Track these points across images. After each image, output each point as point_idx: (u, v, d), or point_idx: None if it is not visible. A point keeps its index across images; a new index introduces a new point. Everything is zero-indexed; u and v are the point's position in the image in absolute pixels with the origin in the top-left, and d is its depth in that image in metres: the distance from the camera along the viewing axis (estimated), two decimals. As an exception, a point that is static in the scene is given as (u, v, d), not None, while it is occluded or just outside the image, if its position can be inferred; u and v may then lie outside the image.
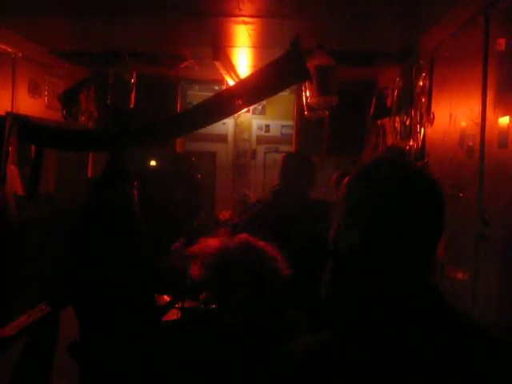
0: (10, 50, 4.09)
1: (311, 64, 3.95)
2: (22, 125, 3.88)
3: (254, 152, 7.34)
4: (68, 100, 5.06)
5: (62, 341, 4.14)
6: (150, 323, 3.35)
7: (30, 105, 4.43)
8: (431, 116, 3.65)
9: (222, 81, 5.54)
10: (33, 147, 4.27)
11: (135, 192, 3.39)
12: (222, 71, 4.86)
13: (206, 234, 5.03)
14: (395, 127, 4.54)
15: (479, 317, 2.73)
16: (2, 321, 3.86)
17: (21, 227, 4.02)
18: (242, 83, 4.39)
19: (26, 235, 4.12)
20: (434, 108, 3.64)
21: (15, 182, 3.92)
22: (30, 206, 4.22)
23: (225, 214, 5.66)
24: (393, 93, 4.62)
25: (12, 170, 3.85)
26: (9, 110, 4.03)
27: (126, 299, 3.13)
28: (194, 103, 5.30)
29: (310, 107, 4.47)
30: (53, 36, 4.37)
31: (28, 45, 4.37)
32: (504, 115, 2.51)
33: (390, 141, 4.80)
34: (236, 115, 6.67)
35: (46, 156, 4.44)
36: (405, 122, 4.25)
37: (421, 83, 3.90)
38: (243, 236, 2.58)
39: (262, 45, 4.43)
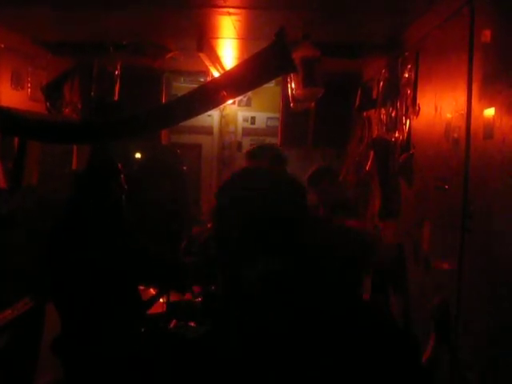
0: (-9, 40, 4.05)
1: (297, 55, 3.94)
2: (4, 117, 3.84)
3: (240, 144, 7.31)
4: (51, 92, 5.01)
5: (47, 334, 4.12)
6: (135, 317, 3.34)
7: (12, 97, 4.38)
8: (417, 108, 3.65)
9: (207, 72, 5.51)
10: (16, 140, 4.24)
11: (122, 187, 3.35)
12: (207, 63, 4.83)
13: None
14: (381, 119, 4.55)
15: (464, 309, 2.74)
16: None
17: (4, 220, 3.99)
18: (226, 75, 4.36)
19: (10, 228, 4.09)
20: (419, 100, 3.64)
21: (-2, 175, 3.88)
22: (14, 199, 4.19)
23: None
24: (378, 84, 4.62)
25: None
26: (-9, 101, 3.99)
27: (109, 295, 3.11)
28: (179, 95, 5.26)
29: (295, 99, 4.45)
30: (36, 26, 4.32)
31: (10, 35, 4.31)
32: (489, 106, 2.51)
33: (375, 133, 4.80)
34: (221, 107, 6.65)
35: (30, 148, 4.41)
36: (390, 114, 4.25)
37: (406, 75, 3.90)
38: None
39: (247, 36, 4.41)
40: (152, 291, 4.00)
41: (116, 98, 4.88)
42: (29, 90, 4.69)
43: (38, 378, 4.14)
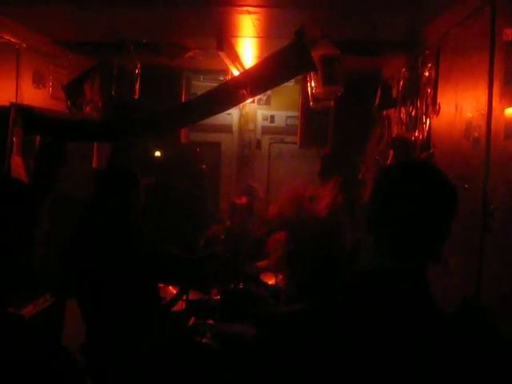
0: (14, 40, 4.09)
1: (316, 54, 3.94)
2: (26, 115, 3.88)
3: (259, 142, 7.31)
4: (72, 90, 5.06)
5: (67, 331, 4.16)
6: (160, 317, 3.35)
7: (34, 95, 4.43)
8: (437, 107, 3.63)
9: (226, 71, 5.52)
10: (37, 138, 4.27)
11: (139, 198, 3.36)
12: (227, 61, 4.84)
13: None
14: (401, 118, 4.52)
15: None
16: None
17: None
18: (246, 73, 4.37)
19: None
20: (439, 99, 3.62)
21: (19, 172, 3.92)
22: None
23: (241, 200, 5.62)
24: (398, 83, 4.60)
25: (16, 161, 3.85)
26: (13, 100, 4.03)
27: (126, 297, 3.13)
28: (199, 93, 5.27)
29: (315, 97, 4.45)
30: (57, 26, 4.36)
31: (32, 35, 4.36)
32: (510, 106, 2.50)
33: (395, 131, 4.78)
34: (241, 105, 6.65)
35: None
36: (410, 113, 4.23)
37: (427, 73, 3.87)
38: None
39: (266, 35, 4.41)
40: (172, 290, 4.02)
41: (136, 96, 4.91)
42: (50, 88, 4.74)
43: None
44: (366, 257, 1.71)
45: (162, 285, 3.79)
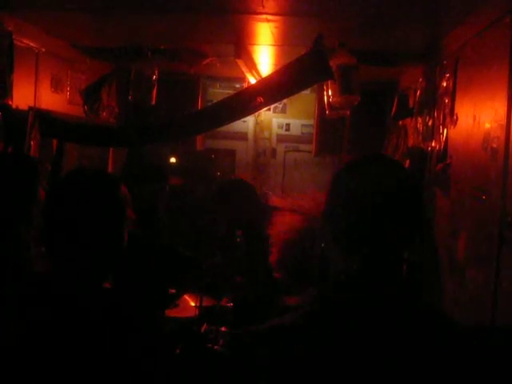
0: (33, 44, 4.12)
1: (334, 63, 3.94)
2: (44, 119, 3.91)
3: (274, 151, 7.32)
4: (89, 95, 5.09)
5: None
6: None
7: (52, 100, 4.45)
8: (454, 117, 3.62)
9: (243, 79, 5.53)
10: (54, 142, 4.30)
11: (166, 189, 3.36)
12: (244, 69, 4.85)
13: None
14: (417, 128, 4.50)
15: (500, 321, 2.70)
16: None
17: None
18: (263, 81, 4.38)
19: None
20: (457, 109, 3.60)
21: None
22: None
23: None
24: (415, 93, 4.58)
25: (33, 165, 3.88)
26: (31, 104, 4.06)
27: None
28: (215, 101, 5.29)
29: (331, 106, 4.44)
30: (75, 31, 4.39)
31: (51, 40, 4.39)
32: (530, 117, 2.48)
33: (411, 141, 4.76)
34: (256, 113, 6.66)
35: (67, 151, 4.47)
36: (427, 123, 4.21)
37: (444, 84, 3.86)
38: None
39: (284, 43, 4.41)
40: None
41: (153, 102, 4.93)
42: (68, 93, 4.76)
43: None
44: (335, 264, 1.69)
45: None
